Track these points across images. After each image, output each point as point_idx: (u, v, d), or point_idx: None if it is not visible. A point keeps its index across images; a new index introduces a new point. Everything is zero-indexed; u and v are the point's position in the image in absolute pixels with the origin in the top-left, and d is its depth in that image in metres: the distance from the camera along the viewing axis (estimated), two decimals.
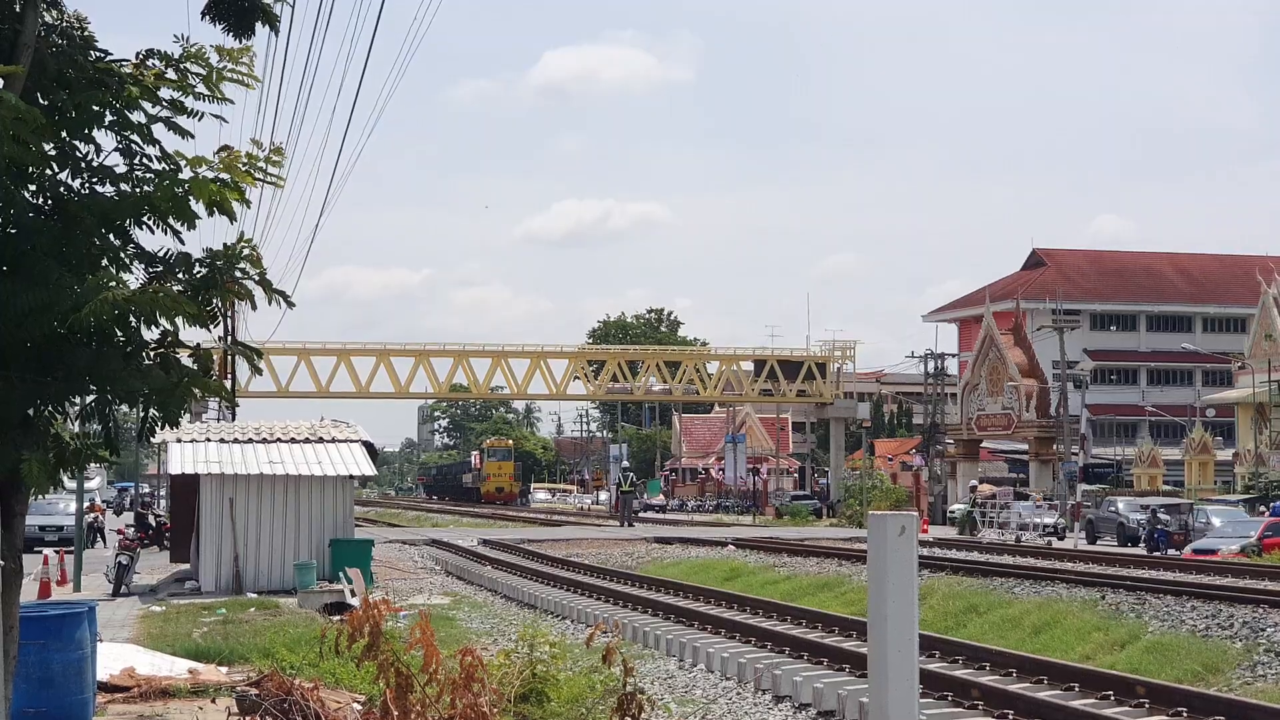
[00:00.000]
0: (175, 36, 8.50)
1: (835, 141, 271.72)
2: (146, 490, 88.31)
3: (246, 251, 8.70)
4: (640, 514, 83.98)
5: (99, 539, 50.55)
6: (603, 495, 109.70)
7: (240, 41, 8.87)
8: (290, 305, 9.10)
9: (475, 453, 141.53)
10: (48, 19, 8.39)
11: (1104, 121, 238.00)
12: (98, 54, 8.38)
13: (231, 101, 8.80)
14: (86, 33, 8.44)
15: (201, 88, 8.50)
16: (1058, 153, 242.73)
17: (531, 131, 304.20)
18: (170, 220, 8.46)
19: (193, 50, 8.43)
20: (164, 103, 8.47)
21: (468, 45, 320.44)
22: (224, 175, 8.43)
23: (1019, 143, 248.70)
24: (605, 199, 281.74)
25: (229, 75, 8.52)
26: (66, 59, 8.18)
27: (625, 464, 78.05)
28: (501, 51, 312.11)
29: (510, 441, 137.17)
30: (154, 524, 47.80)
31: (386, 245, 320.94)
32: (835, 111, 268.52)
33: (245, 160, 8.53)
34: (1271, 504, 53.61)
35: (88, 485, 35.25)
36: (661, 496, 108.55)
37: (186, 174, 8.40)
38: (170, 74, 8.44)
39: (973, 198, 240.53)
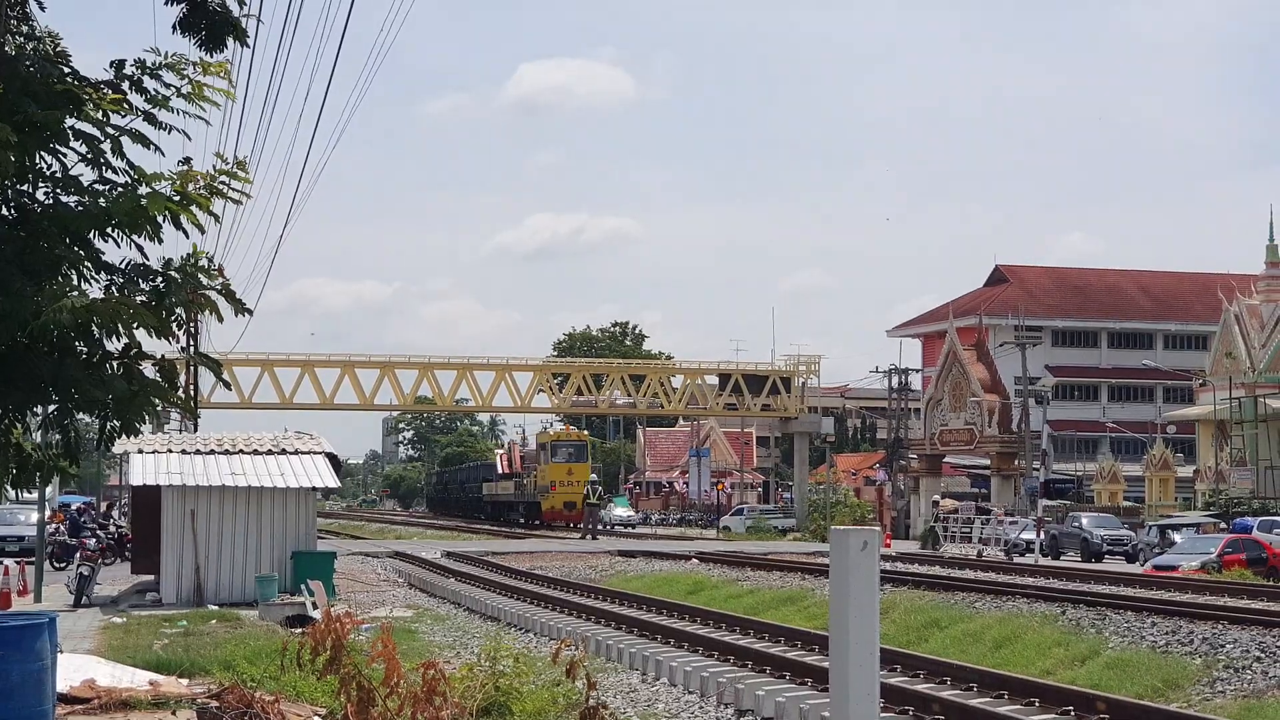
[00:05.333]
0: (153, 49, 8.52)
1: (806, 159, 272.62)
2: (88, 504, 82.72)
3: (203, 263, 8.71)
4: (611, 528, 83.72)
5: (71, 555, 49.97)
6: None
7: (212, 55, 8.91)
8: (249, 314, 9.12)
9: (501, 453, 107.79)
10: (21, 34, 8.40)
11: (1073, 139, 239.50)
12: (70, 70, 8.39)
13: (208, 122, 8.82)
14: (59, 48, 8.46)
15: (176, 101, 8.52)
16: (1027, 171, 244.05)
17: (506, 146, 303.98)
18: (130, 233, 8.47)
19: (169, 60, 8.45)
20: (138, 111, 8.48)
21: (443, 59, 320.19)
22: (180, 191, 8.44)
23: (989, 161, 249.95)
24: (578, 213, 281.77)
25: (205, 91, 8.57)
26: (37, 74, 8.18)
27: (593, 477, 77.87)
28: (477, 65, 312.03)
29: (586, 434, 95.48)
30: (115, 534, 47.53)
31: (357, 258, 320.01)
32: (806, 130, 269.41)
33: (205, 177, 8.54)
34: (1232, 521, 54.07)
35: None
36: (631, 510, 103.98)
37: (145, 190, 8.41)
38: (147, 81, 8.46)
39: (941, 215, 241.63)
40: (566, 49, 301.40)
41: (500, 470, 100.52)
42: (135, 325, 8.32)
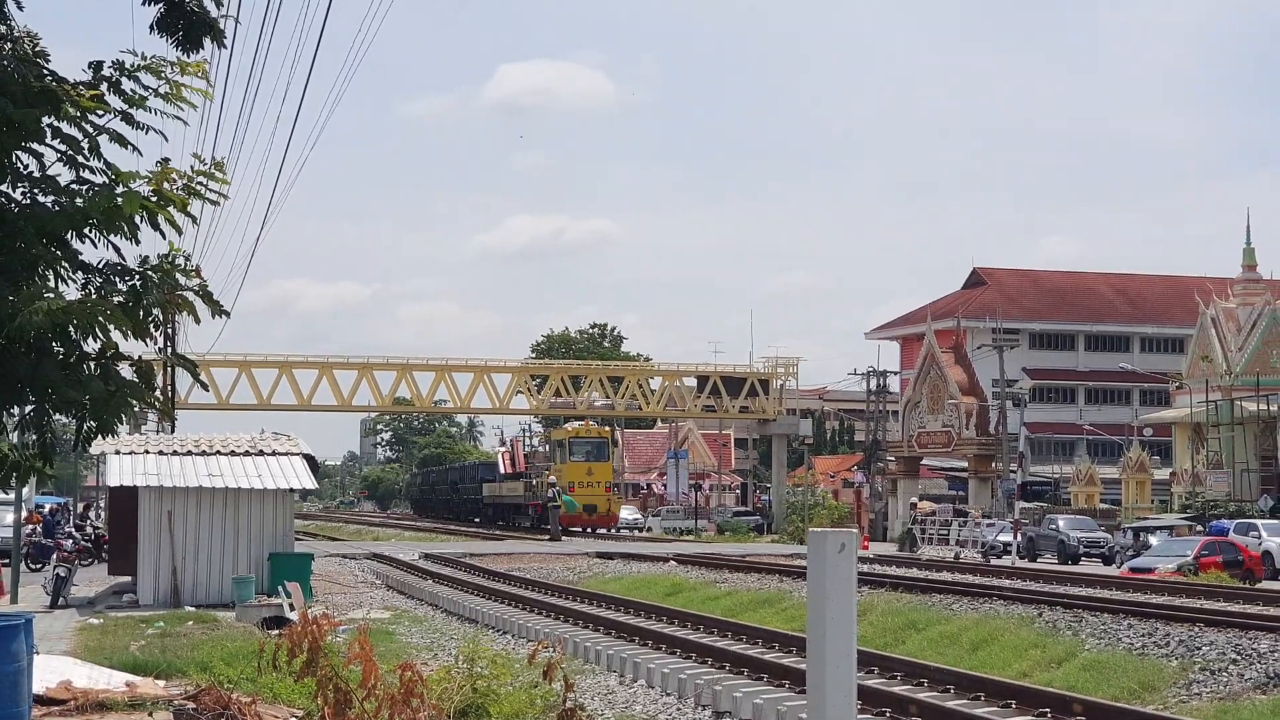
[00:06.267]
0: (130, 50, 8.50)
1: (787, 162, 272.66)
2: (62, 505, 76.41)
3: (180, 262, 8.70)
4: (617, 531, 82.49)
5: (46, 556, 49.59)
6: None
7: (190, 56, 8.90)
8: (226, 315, 9.12)
9: (503, 450, 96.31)
10: None
11: (1054, 142, 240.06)
12: (49, 70, 8.38)
13: (186, 122, 8.82)
14: (38, 48, 8.44)
15: (154, 101, 8.51)
16: (1007, 173, 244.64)
17: (486, 147, 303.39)
18: (107, 233, 8.45)
19: (149, 61, 8.44)
20: (115, 112, 8.47)
21: (424, 60, 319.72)
22: (157, 191, 8.43)
23: (969, 163, 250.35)
24: (559, 215, 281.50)
25: (183, 92, 8.56)
26: (14, 74, 8.16)
27: (552, 479, 76.80)
28: (458, 66, 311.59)
29: (607, 430, 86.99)
30: (92, 535, 47.40)
31: (337, 259, 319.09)
32: (787, 133, 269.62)
33: (182, 177, 8.53)
34: (1208, 523, 54.30)
35: None
36: (639, 514, 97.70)
37: (121, 189, 8.39)
38: (125, 83, 8.45)
39: (921, 217, 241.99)
40: (548, 51, 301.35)
41: (503, 469, 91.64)
42: (112, 326, 8.30)
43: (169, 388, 53.64)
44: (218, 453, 33.34)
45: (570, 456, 78.84)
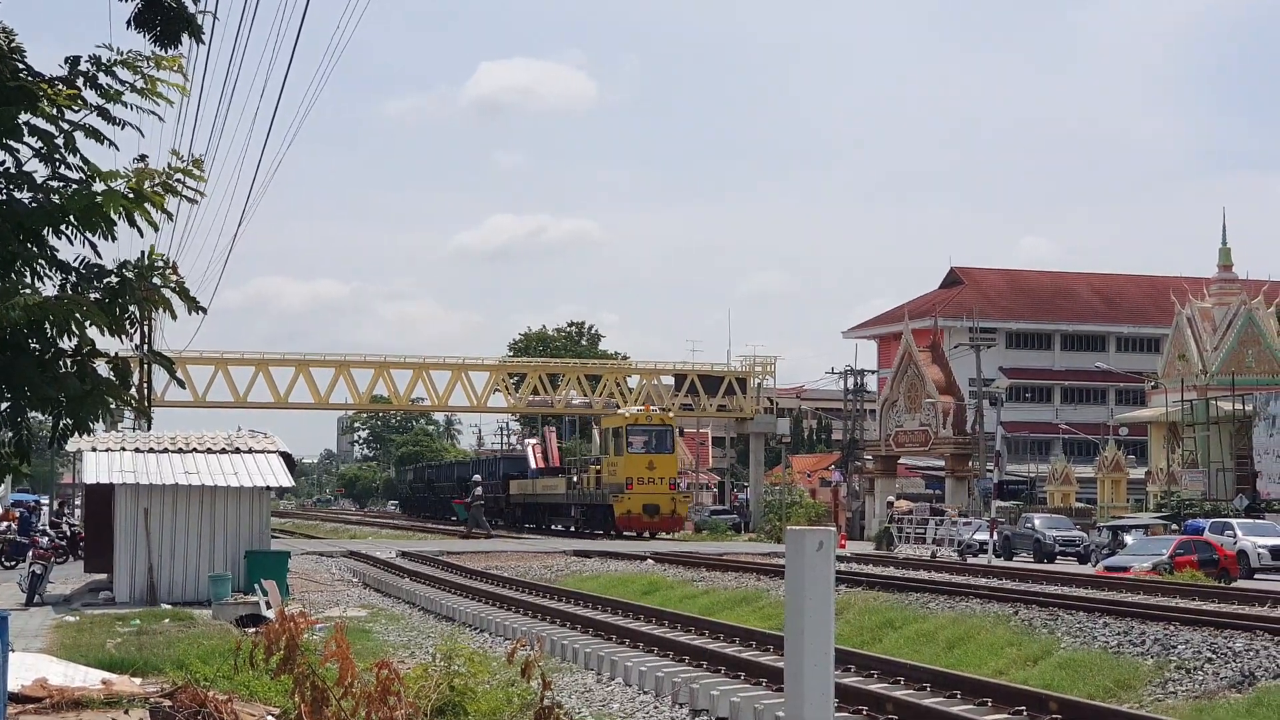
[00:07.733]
0: (108, 45, 8.47)
1: (766, 162, 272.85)
2: (36, 503, 68.36)
3: (158, 263, 8.67)
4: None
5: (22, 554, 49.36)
6: None
7: (167, 51, 8.86)
8: (202, 311, 9.09)
9: (533, 443, 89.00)
10: None
11: (1031, 143, 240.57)
12: (24, 66, 8.33)
13: (162, 119, 8.79)
14: (14, 44, 8.39)
15: (130, 96, 8.48)
16: (985, 173, 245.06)
17: (466, 145, 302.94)
18: (85, 230, 8.42)
19: (125, 56, 8.41)
20: (91, 107, 8.44)
21: (404, 57, 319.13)
22: (136, 189, 8.40)
23: (947, 163, 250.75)
24: (539, 214, 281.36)
25: (160, 88, 8.53)
26: None
27: (476, 477, 75.73)
28: (439, 64, 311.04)
29: (671, 416, 73.76)
30: (68, 532, 47.20)
31: (316, 257, 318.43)
32: (767, 133, 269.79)
33: (160, 174, 8.50)
34: (1183, 522, 54.50)
35: None
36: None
37: (100, 187, 8.36)
38: (101, 78, 8.42)
39: (901, 218, 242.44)
40: (529, 50, 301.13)
41: (534, 464, 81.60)
42: (89, 323, 8.27)
43: (145, 385, 53.51)
44: (194, 450, 33.25)
45: (629, 448, 67.13)
